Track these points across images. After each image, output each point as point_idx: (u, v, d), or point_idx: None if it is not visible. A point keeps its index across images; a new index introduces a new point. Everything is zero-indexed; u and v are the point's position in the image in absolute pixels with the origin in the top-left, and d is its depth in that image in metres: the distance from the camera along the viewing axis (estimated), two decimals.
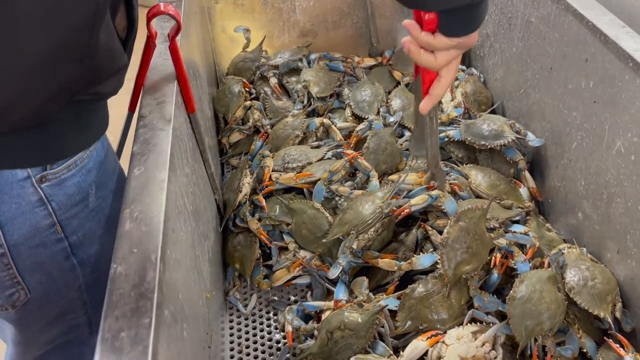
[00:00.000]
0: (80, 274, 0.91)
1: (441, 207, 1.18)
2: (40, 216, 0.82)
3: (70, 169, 0.82)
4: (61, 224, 0.85)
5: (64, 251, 0.87)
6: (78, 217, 0.87)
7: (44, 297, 0.90)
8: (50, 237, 0.85)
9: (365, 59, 1.76)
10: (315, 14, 1.76)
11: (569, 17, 1.14)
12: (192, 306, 0.82)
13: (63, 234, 0.86)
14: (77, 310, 0.96)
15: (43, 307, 0.92)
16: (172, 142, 0.85)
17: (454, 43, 0.90)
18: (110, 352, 0.55)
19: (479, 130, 1.36)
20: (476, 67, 1.62)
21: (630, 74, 0.98)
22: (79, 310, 0.96)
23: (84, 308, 0.96)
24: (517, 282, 1.06)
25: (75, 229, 0.87)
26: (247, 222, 1.26)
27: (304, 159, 1.36)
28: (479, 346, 0.98)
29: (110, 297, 0.61)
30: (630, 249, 1.03)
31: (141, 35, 0.94)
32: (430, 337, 1.01)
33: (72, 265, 0.89)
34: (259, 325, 1.20)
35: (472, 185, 1.28)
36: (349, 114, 1.56)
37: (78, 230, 0.87)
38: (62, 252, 0.87)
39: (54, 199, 0.82)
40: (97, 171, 0.88)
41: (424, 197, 1.18)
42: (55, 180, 0.81)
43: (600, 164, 1.09)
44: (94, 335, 0.98)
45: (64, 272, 0.89)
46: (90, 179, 0.86)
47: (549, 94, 1.26)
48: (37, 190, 0.80)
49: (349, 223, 1.16)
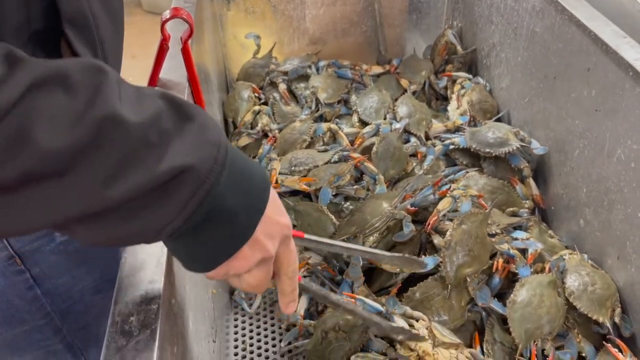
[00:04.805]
0: (46, 302, 0.88)
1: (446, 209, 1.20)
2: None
3: None
4: (20, 257, 0.81)
5: (26, 282, 0.84)
6: (40, 251, 0.83)
7: (6, 325, 0.88)
8: (9, 268, 0.82)
9: (373, 66, 1.79)
10: (324, 22, 1.80)
11: (572, 27, 1.17)
12: (197, 299, 0.84)
13: (24, 266, 0.82)
14: (49, 338, 0.93)
15: (6, 333, 0.90)
16: None
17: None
18: (120, 334, 0.58)
19: (484, 138, 1.39)
20: (482, 76, 1.64)
21: (630, 83, 1.00)
22: (51, 337, 0.93)
23: (59, 335, 0.94)
24: (518, 286, 1.08)
25: (37, 262, 0.84)
26: None
27: (311, 162, 1.38)
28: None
29: (120, 284, 0.64)
30: (630, 255, 1.04)
31: (155, 38, 0.98)
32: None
33: (35, 295, 0.86)
34: (263, 325, 1.22)
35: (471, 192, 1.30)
36: (356, 120, 1.59)
37: (41, 262, 0.84)
38: (24, 282, 0.84)
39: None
40: None
41: (449, 200, 1.20)
42: None
43: (602, 171, 1.11)
44: (80, 358, 0.98)
45: (26, 301, 0.86)
46: None
47: (552, 103, 1.28)
48: None
49: (356, 225, 1.18)
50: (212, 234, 0.53)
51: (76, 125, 0.43)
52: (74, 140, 0.42)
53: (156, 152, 0.47)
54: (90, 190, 0.45)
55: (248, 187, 0.55)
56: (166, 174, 0.47)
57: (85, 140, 0.43)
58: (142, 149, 0.46)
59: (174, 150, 0.48)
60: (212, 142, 0.51)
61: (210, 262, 0.56)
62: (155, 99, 0.49)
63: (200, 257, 0.56)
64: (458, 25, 1.77)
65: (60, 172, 0.43)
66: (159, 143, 0.47)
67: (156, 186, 0.47)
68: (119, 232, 0.49)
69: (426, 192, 1.25)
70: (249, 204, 0.55)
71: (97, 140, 0.43)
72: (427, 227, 1.18)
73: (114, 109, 0.44)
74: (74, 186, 0.44)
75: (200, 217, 0.51)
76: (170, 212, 0.49)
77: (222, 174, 0.51)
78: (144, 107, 0.47)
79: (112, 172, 0.45)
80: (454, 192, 1.21)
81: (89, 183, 0.44)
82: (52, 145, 0.42)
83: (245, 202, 0.54)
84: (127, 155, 0.45)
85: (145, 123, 0.46)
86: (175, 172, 0.47)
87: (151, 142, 0.47)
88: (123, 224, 0.48)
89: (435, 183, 1.24)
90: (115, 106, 0.45)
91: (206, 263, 0.57)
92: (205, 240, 0.54)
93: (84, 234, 0.49)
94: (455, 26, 1.78)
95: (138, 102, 0.47)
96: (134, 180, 0.46)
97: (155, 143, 0.47)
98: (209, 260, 0.56)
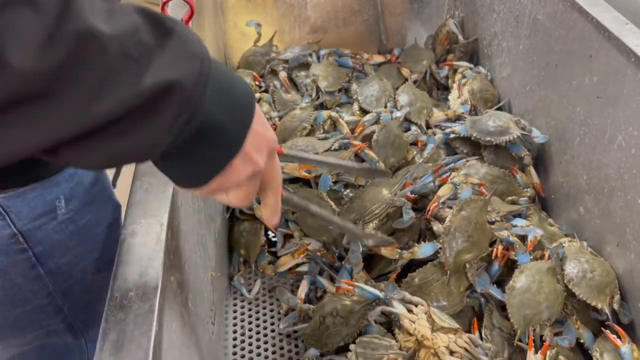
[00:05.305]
0: (49, 282, 0.88)
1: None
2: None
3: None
4: (23, 235, 0.82)
5: (28, 261, 0.84)
6: (43, 229, 0.84)
7: (8, 304, 0.88)
8: (12, 246, 0.82)
9: (374, 55, 1.79)
10: (326, 10, 1.79)
11: (574, 14, 1.16)
12: (197, 280, 0.84)
13: (26, 244, 0.83)
14: (50, 317, 0.94)
15: (8, 313, 0.90)
16: None
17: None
18: (118, 309, 0.58)
19: (484, 127, 1.38)
20: (484, 65, 1.64)
21: (632, 69, 0.99)
22: (53, 316, 0.94)
23: (60, 314, 0.94)
24: (517, 273, 1.08)
25: (40, 240, 0.84)
26: (253, 209, 1.29)
27: (311, 149, 1.38)
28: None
29: (120, 260, 0.64)
30: (630, 241, 1.04)
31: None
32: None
33: (38, 274, 0.87)
34: (262, 310, 1.22)
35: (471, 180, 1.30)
36: (357, 109, 1.58)
37: (44, 241, 0.84)
38: (26, 261, 0.84)
39: (12, 209, 0.79)
40: (68, 183, 0.85)
41: (450, 187, 1.20)
42: (13, 193, 0.79)
43: (602, 158, 1.11)
44: (80, 339, 0.99)
45: (29, 280, 0.87)
46: (58, 192, 0.84)
47: (554, 91, 1.28)
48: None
49: (355, 212, 1.18)
50: (202, 149, 0.53)
51: (49, 42, 0.41)
52: (51, 58, 0.41)
53: (138, 67, 0.45)
54: (76, 110, 0.43)
55: (234, 100, 0.54)
56: (151, 89, 0.46)
57: (61, 58, 0.41)
58: (123, 64, 0.45)
59: (157, 65, 0.46)
60: (196, 55, 0.50)
61: (202, 177, 0.56)
62: (131, 13, 0.47)
63: (191, 173, 0.56)
64: (460, 15, 1.76)
65: (43, 93, 0.42)
66: (140, 57, 0.46)
67: (142, 103, 0.46)
68: (108, 153, 0.48)
69: (426, 179, 1.25)
70: (236, 118, 0.55)
71: (74, 56, 0.42)
72: (427, 214, 1.18)
73: (88, 22, 0.42)
74: (59, 106, 0.43)
75: (189, 133, 0.50)
76: (159, 129, 0.48)
77: (207, 88, 0.50)
78: (120, 20, 0.45)
79: (95, 89, 0.44)
80: (455, 179, 1.21)
81: (73, 102, 0.43)
82: (28, 65, 0.40)
83: (232, 116, 0.54)
84: (108, 71, 0.44)
85: (122, 36, 0.45)
86: (160, 88, 0.46)
87: (131, 56, 0.45)
88: (112, 144, 0.47)
89: (435, 170, 1.24)
90: (89, 19, 0.43)
91: (198, 179, 0.56)
92: (195, 157, 0.54)
93: (75, 158, 0.49)
94: (457, 16, 1.77)
95: (113, 16, 0.45)
96: (118, 97, 0.44)
97: (136, 57, 0.45)
98: (201, 176, 0.56)
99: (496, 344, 1.02)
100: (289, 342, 1.13)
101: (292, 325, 1.13)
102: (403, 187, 1.22)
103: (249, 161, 0.57)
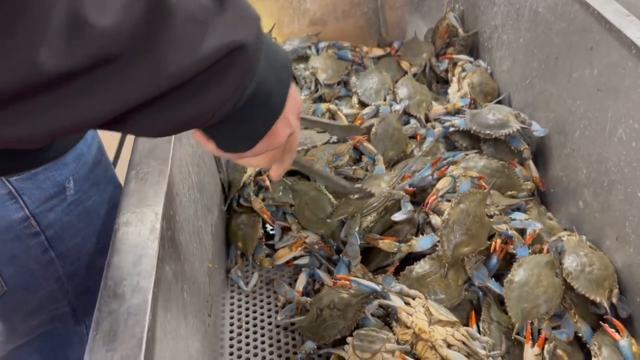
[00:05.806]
0: (59, 265, 0.89)
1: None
2: (11, 210, 0.80)
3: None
4: (35, 218, 0.82)
5: (41, 245, 0.85)
6: (54, 211, 0.84)
7: (22, 290, 0.88)
8: (25, 230, 0.83)
9: (373, 49, 1.78)
10: (325, 3, 1.78)
11: (575, 6, 1.15)
12: (193, 271, 0.84)
13: (38, 228, 0.83)
14: (58, 301, 0.94)
15: (21, 298, 0.90)
16: None
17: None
18: (112, 298, 0.57)
19: (484, 120, 1.37)
20: (484, 58, 1.63)
21: (633, 61, 0.99)
22: (60, 300, 0.94)
23: (66, 298, 0.94)
24: (515, 266, 1.08)
25: (51, 223, 0.85)
26: (251, 202, 1.28)
27: (309, 142, 1.37)
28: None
29: (114, 248, 0.63)
30: (629, 235, 1.04)
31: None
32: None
33: (50, 259, 0.87)
34: (259, 303, 1.21)
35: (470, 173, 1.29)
36: (356, 102, 1.57)
37: (55, 223, 0.85)
38: (39, 245, 0.85)
39: (25, 192, 0.80)
40: (76, 164, 0.86)
41: (448, 180, 1.19)
42: (25, 175, 0.79)
43: (602, 151, 1.10)
44: (81, 324, 0.99)
45: (41, 265, 0.87)
46: (67, 173, 0.84)
47: (554, 84, 1.27)
48: (6, 184, 0.78)
49: (354, 205, 1.18)
50: (252, 113, 0.53)
51: (128, 3, 0.40)
52: (129, 18, 0.40)
53: (204, 29, 0.45)
54: (148, 73, 0.43)
55: (277, 65, 0.54)
56: (218, 51, 0.45)
57: (139, 17, 0.41)
58: (189, 27, 0.44)
59: (220, 27, 0.46)
60: (253, 16, 0.49)
61: (249, 142, 0.57)
62: None
63: (239, 138, 0.56)
64: (460, 8, 1.75)
65: (120, 55, 0.41)
66: (204, 20, 0.45)
67: (209, 65, 0.45)
68: (173, 118, 0.47)
69: (425, 172, 1.24)
70: (279, 82, 0.55)
71: (148, 16, 0.41)
72: (425, 206, 1.17)
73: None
74: (133, 70, 0.42)
75: (246, 97, 0.50)
76: (223, 92, 0.48)
77: (262, 52, 0.50)
78: None
79: (165, 52, 0.43)
80: (454, 172, 1.20)
81: (146, 65, 0.43)
82: (110, 25, 0.39)
83: (278, 78, 0.54)
84: (177, 33, 0.43)
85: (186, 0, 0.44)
86: (226, 50, 0.46)
87: (196, 19, 0.45)
88: (178, 108, 0.47)
89: (434, 162, 1.24)
90: None
91: (246, 144, 0.57)
92: (245, 121, 0.53)
93: (140, 126, 0.48)
94: (457, 9, 1.76)
95: None
96: (186, 60, 0.44)
97: (201, 20, 0.45)
98: (248, 140, 0.57)
99: (494, 338, 1.01)
100: (286, 335, 1.13)
101: (290, 317, 1.12)
102: (401, 180, 1.22)
103: (287, 124, 0.58)
